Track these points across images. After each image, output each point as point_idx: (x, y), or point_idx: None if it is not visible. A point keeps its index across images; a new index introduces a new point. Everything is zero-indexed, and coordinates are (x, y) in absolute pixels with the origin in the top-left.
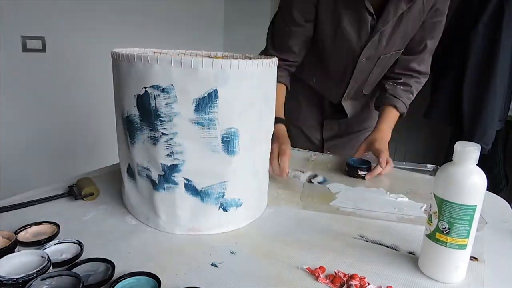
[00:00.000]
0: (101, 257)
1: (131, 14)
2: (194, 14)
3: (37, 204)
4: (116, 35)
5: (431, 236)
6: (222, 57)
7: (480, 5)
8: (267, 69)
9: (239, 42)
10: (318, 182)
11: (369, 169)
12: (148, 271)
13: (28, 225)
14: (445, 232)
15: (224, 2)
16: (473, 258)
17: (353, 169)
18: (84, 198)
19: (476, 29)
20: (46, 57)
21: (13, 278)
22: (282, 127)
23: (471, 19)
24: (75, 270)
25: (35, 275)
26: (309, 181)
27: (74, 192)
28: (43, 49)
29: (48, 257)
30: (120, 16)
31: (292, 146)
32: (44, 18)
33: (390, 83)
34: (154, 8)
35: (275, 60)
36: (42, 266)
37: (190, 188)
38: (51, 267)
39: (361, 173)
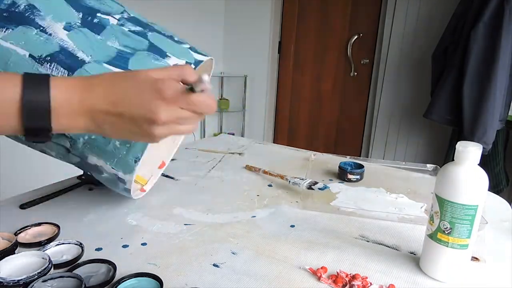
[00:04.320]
0: (102, 258)
1: None
2: (194, 14)
3: (61, 195)
4: None
5: (432, 236)
6: None
7: (480, 5)
8: None
9: (239, 42)
10: (319, 189)
11: (361, 174)
12: (150, 272)
13: (28, 226)
14: (446, 232)
15: (224, 2)
16: (474, 258)
17: (343, 173)
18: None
19: (476, 29)
20: None
21: (14, 280)
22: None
23: (471, 19)
24: (76, 271)
25: (36, 276)
26: (310, 188)
27: (93, 180)
28: None
29: (49, 258)
30: None
31: None
32: None
33: None
34: (154, 8)
35: None
36: (43, 268)
37: None
38: (52, 268)
39: (351, 177)
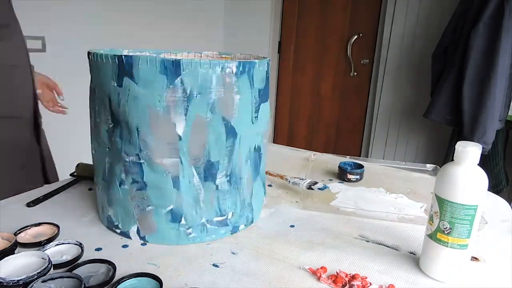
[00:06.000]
0: (102, 258)
1: (131, 14)
2: (194, 14)
3: (63, 191)
4: (116, 35)
5: (432, 236)
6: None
7: (480, 5)
8: None
9: (239, 42)
10: (319, 189)
11: (361, 174)
12: (150, 272)
13: (27, 226)
14: (446, 232)
15: (224, 2)
16: (473, 258)
17: (343, 173)
18: None
19: (476, 29)
20: (46, 57)
21: (14, 280)
22: None
23: (471, 19)
24: (75, 271)
25: (36, 276)
26: (309, 188)
27: (88, 177)
28: (43, 49)
29: (49, 259)
30: (120, 16)
31: None
32: (44, 18)
33: None
34: (154, 8)
35: None
36: (43, 268)
37: None
38: (52, 268)
39: (351, 177)
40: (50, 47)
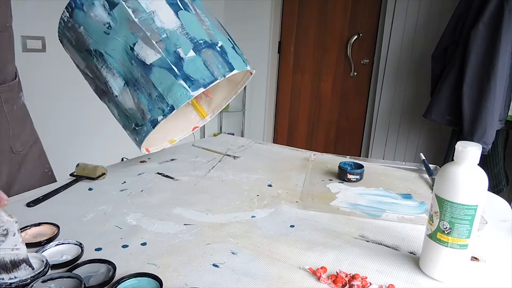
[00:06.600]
0: (102, 258)
1: None
2: None
3: (63, 191)
4: None
5: (432, 236)
6: None
7: (480, 5)
8: None
9: (239, 42)
10: None
11: (361, 174)
12: (149, 272)
13: (27, 226)
14: (446, 232)
15: (224, 2)
16: (473, 258)
17: (343, 173)
18: (97, 178)
19: (476, 29)
20: (46, 57)
21: (7, 283)
22: None
23: (471, 19)
24: (75, 271)
25: (29, 280)
26: None
27: (88, 177)
28: (43, 49)
29: (47, 261)
30: None
31: None
32: (44, 18)
33: None
34: None
35: None
36: (37, 272)
37: None
38: (49, 270)
39: (351, 177)
40: (50, 47)
